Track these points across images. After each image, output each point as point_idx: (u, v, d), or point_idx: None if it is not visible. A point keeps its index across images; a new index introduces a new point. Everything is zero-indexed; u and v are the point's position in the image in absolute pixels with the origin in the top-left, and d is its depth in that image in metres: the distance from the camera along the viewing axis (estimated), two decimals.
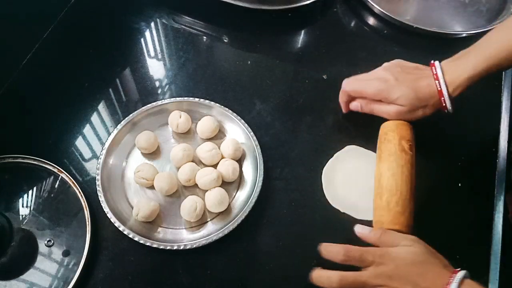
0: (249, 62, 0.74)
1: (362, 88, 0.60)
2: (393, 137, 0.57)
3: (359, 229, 0.51)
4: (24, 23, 0.71)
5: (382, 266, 0.45)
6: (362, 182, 0.61)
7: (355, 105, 0.63)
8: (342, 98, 0.64)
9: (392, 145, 0.57)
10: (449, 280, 0.43)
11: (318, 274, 0.47)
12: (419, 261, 0.45)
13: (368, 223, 0.57)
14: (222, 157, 0.61)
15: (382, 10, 0.78)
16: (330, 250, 0.48)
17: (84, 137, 0.65)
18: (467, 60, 0.56)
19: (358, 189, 0.61)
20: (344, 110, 0.66)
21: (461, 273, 0.44)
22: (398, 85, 0.57)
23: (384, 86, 0.58)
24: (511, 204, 0.64)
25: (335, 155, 0.63)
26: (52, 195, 0.58)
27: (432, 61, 0.57)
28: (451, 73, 0.55)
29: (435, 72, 0.56)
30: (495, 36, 0.56)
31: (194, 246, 0.54)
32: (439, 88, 0.55)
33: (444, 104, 0.56)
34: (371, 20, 0.81)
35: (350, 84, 0.62)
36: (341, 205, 0.59)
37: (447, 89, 0.55)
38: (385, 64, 0.61)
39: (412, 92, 0.56)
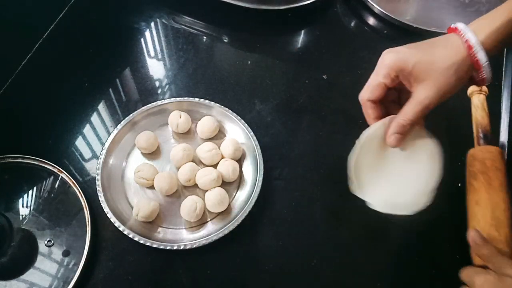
0: (249, 62, 0.74)
1: (374, 76, 0.49)
2: (501, 165, 0.55)
3: (474, 235, 0.48)
4: (24, 23, 0.71)
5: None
6: (394, 170, 0.50)
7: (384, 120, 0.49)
8: (367, 111, 0.50)
9: (502, 175, 0.54)
10: None
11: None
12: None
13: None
14: (222, 157, 0.61)
15: (382, 10, 0.78)
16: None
17: (84, 137, 0.65)
18: (491, 16, 0.46)
19: (391, 181, 0.50)
20: (372, 118, 0.50)
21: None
22: (412, 50, 0.47)
23: (400, 55, 0.47)
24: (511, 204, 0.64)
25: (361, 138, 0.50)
26: (52, 195, 0.58)
27: (451, 25, 0.48)
28: (480, 30, 0.45)
29: (461, 34, 0.45)
30: None
31: (194, 246, 0.54)
32: (469, 49, 0.45)
33: (479, 69, 0.45)
34: (371, 20, 0.81)
35: (362, 94, 0.50)
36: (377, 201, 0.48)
37: (481, 47, 0.44)
38: None
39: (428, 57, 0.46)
